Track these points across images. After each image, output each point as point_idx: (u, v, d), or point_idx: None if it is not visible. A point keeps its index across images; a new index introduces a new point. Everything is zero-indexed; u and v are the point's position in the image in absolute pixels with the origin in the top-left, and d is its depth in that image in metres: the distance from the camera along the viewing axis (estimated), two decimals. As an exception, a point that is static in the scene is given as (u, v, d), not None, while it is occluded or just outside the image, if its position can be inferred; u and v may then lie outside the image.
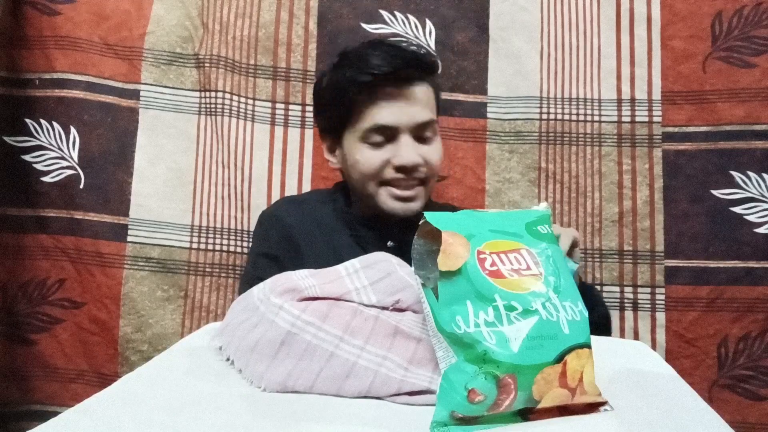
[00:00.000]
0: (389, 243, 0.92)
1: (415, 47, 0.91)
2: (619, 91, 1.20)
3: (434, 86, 0.93)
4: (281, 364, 0.53)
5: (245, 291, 0.62)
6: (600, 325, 0.92)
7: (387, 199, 0.89)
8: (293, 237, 0.93)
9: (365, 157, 0.88)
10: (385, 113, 0.86)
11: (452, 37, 1.23)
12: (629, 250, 1.17)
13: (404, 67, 0.86)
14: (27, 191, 1.22)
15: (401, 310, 0.58)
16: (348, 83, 0.86)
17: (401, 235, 0.91)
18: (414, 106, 0.87)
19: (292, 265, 0.70)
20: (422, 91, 0.89)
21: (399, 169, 0.87)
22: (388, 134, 0.87)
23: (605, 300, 1.14)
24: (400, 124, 0.86)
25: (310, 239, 0.93)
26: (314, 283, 0.58)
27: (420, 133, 0.88)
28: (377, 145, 0.87)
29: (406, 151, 0.86)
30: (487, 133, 1.21)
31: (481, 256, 0.49)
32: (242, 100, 1.23)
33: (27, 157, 1.23)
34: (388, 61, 0.86)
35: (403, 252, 0.62)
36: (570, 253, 0.81)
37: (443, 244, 0.49)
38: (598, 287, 1.17)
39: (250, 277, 0.99)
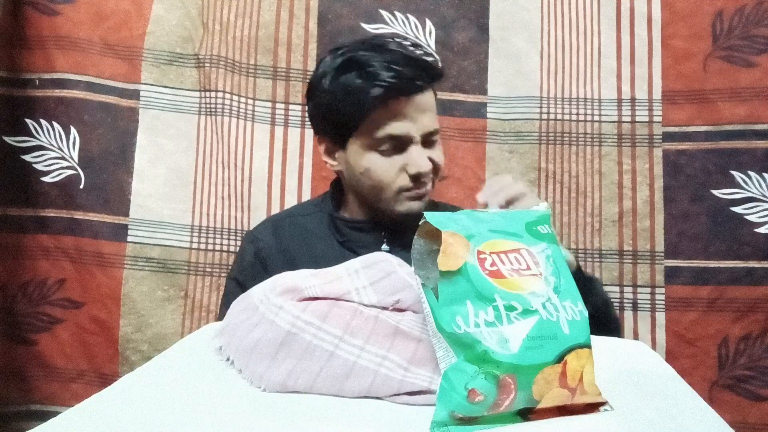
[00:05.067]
0: (384, 247, 0.91)
1: (420, 52, 0.89)
2: (619, 90, 1.20)
3: (435, 90, 0.93)
4: (281, 364, 0.53)
5: (222, 312, 0.61)
6: (600, 316, 0.88)
7: (406, 201, 0.89)
8: (264, 260, 0.93)
9: (377, 165, 0.87)
10: (398, 124, 0.85)
11: (452, 37, 1.23)
12: (629, 250, 1.17)
13: (417, 78, 0.85)
14: (27, 191, 1.22)
15: (401, 310, 0.57)
16: (359, 93, 0.84)
17: (394, 239, 0.92)
18: (424, 114, 0.87)
19: None
20: (430, 99, 0.89)
21: (414, 177, 0.87)
22: (399, 143, 0.87)
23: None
24: (411, 133, 0.86)
25: (287, 259, 0.92)
26: (314, 282, 0.58)
27: (428, 138, 0.89)
28: (388, 154, 0.87)
29: (419, 159, 0.86)
30: (487, 133, 1.21)
31: (481, 256, 0.49)
32: (242, 100, 1.23)
33: (27, 157, 1.23)
34: (400, 73, 0.83)
35: (396, 255, 0.62)
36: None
37: (443, 244, 0.49)
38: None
39: (221, 302, 1.01)
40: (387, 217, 0.92)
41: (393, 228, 0.92)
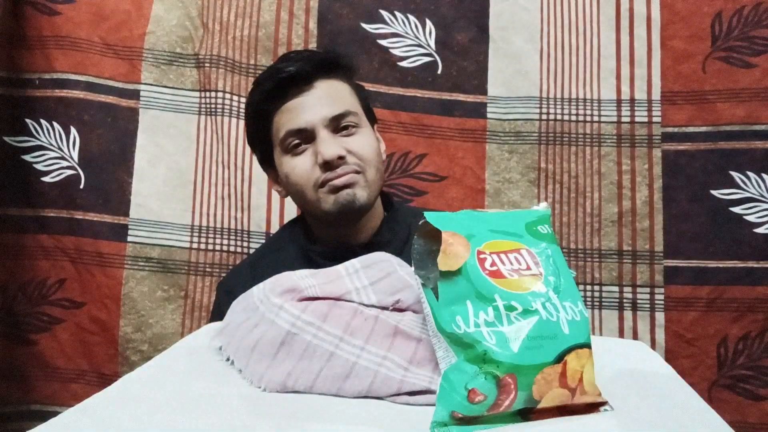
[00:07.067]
0: None
1: (314, 50, 0.92)
2: (618, 91, 1.20)
3: (348, 81, 0.92)
4: (281, 364, 0.53)
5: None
6: None
7: (326, 196, 0.85)
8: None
9: (292, 165, 0.86)
10: (293, 116, 0.85)
11: (452, 37, 1.23)
12: (628, 250, 1.17)
13: (302, 71, 0.86)
14: (27, 191, 1.22)
15: (401, 310, 0.57)
16: (257, 97, 0.89)
17: None
18: (322, 102, 0.86)
19: None
20: (329, 87, 0.88)
21: (324, 165, 0.84)
22: (306, 136, 0.86)
23: (605, 301, 1.15)
24: (311, 122, 0.85)
25: None
26: (314, 282, 0.58)
27: (338, 125, 0.86)
28: (299, 151, 0.86)
29: (326, 145, 0.84)
30: (487, 133, 1.21)
31: (481, 256, 0.49)
32: (242, 100, 1.23)
33: (27, 157, 1.23)
34: (285, 64, 0.88)
35: None
36: None
37: (443, 244, 0.49)
38: (597, 287, 1.17)
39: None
40: (349, 234, 0.89)
41: (367, 251, 0.89)
